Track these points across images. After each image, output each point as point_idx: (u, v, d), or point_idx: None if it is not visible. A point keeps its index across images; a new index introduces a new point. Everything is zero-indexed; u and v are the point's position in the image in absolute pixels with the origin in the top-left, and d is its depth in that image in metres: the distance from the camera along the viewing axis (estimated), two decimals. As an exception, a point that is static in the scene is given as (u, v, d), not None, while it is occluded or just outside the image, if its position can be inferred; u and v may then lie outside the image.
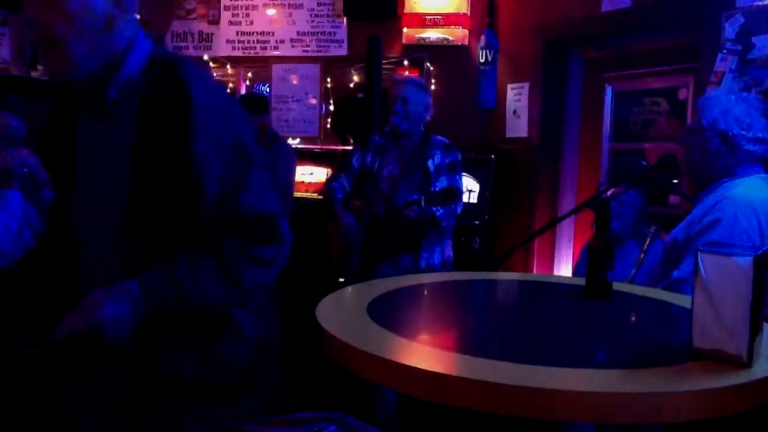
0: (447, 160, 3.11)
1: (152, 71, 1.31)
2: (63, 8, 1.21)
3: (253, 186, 1.31)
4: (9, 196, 2.70)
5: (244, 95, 4.91)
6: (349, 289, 1.92)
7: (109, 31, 1.26)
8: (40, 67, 4.68)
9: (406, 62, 4.74)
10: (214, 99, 1.30)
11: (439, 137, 3.19)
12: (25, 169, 2.72)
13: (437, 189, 3.02)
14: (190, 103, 1.25)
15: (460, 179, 3.18)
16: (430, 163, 3.10)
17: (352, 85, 5.00)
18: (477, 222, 4.06)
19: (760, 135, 2.07)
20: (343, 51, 5.00)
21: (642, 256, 2.79)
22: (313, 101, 5.12)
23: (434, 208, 2.95)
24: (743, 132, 2.05)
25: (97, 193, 1.34)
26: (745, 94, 2.33)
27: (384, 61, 4.36)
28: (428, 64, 4.70)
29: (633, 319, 1.77)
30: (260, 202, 1.32)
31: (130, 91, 1.30)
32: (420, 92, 3.15)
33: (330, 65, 5.04)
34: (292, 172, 3.92)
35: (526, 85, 4.20)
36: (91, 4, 1.23)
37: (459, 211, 3.08)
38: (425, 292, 1.95)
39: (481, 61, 4.40)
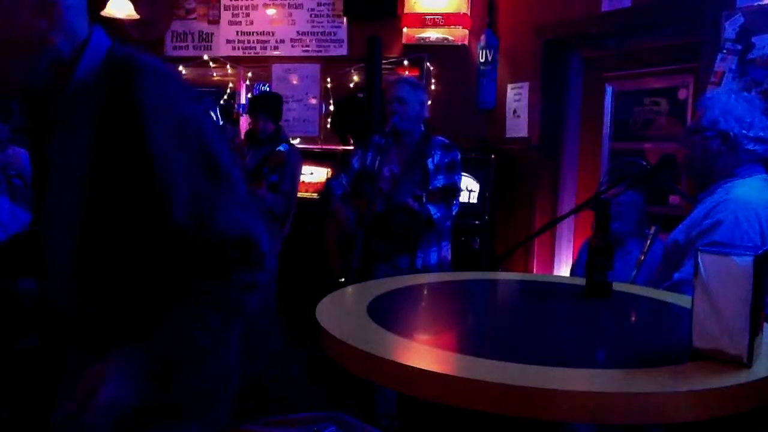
0: (446, 160, 3.13)
1: (107, 75, 1.19)
2: None
3: (229, 205, 1.16)
4: None
5: (257, 96, 4.83)
6: (349, 289, 1.92)
7: (46, 45, 1.17)
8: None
9: (406, 62, 4.75)
10: (173, 108, 1.16)
11: (440, 137, 3.21)
12: (12, 171, 2.69)
13: (435, 187, 3.04)
14: (143, 113, 1.13)
15: (459, 178, 3.19)
16: (429, 162, 3.11)
17: (352, 85, 5.00)
18: (477, 222, 4.06)
19: (761, 134, 2.06)
20: (343, 51, 5.00)
21: (642, 257, 2.79)
22: (313, 101, 5.12)
23: (432, 208, 2.96)
24: (744, 131, 2.04)
25: (54, 209, 1.26)
26: (746, 94, 2.32)
27: (384, 61, 4.36)
28: (428, 64, 4.70)
29: (633, 319, 1.77)
30: (237, 223, 1.16)
31: (85, 97, 1.20)
32: (415, 91, 3.17)
33: (330, 65, 5.05)
34: (298, 177, 3.93)
35: (526, 85, 4.20)
36: (13, 27, 1.15)
37: (455, 212, 3.09)
38: (425, 292, 1.95)
39: (481, 61, 4.40)
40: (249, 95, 5.27)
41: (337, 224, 3.19)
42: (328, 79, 5.05)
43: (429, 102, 4.54)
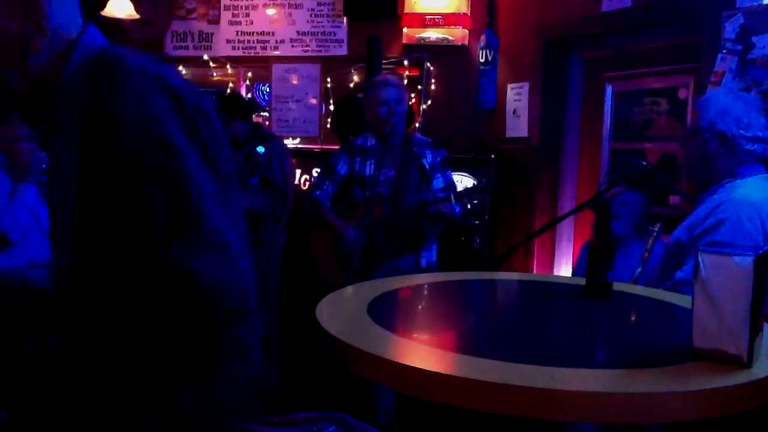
0: (438, 158, 3.19)
1: (92, 78, 1.13)
2: None
3: (185, 245, 1.03)
4: (25, 189, 2.70)
5: (223, 96, 4.61)
6: (349, 289, 1.92)
7: (31, 50, 1.14)
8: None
9: (406, 62, 4.74)
10: (151, 115, 1.07)
11: (420, 136, 3.27)
12: (43, 166, 2.70)
13: (438, 187, 3.11)
14: (117, 121, 1.06)
15: (450, 175, 3.24)
16: (424, 162, 3.14)
17: (352, 85, 5.00)
18: (477, 222, 4.06)
19: (760, 134, 2.05)
20: (343, 51, 5.00)
21: (646, 255, 2.79)
22: (313, 101, 5.11)
23: (455, 206, 3.03)
24: (742, 132, 2.04)
25: (57, 208, 1.22)
26: (743, 93, 2.32)
27: (384, 61, 4.36)
28: (428, 64, 4.70)
29: (633, 319, 1.77)
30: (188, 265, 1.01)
31: (73, 100, 1.14)
32: (403, 92, 3.22)
33: (330, 65, 5.04)
34: (288, 168, 3.87)
35: (526, 85, 4.20)
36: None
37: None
38: (425, 292, 1.95)
39: (481, 61, 4.40)
40: (248, 95, 5.27)
41: (334, 236, 3.17)
42: (328, 79, 5.05)
43: (429, 102, 4.59)
